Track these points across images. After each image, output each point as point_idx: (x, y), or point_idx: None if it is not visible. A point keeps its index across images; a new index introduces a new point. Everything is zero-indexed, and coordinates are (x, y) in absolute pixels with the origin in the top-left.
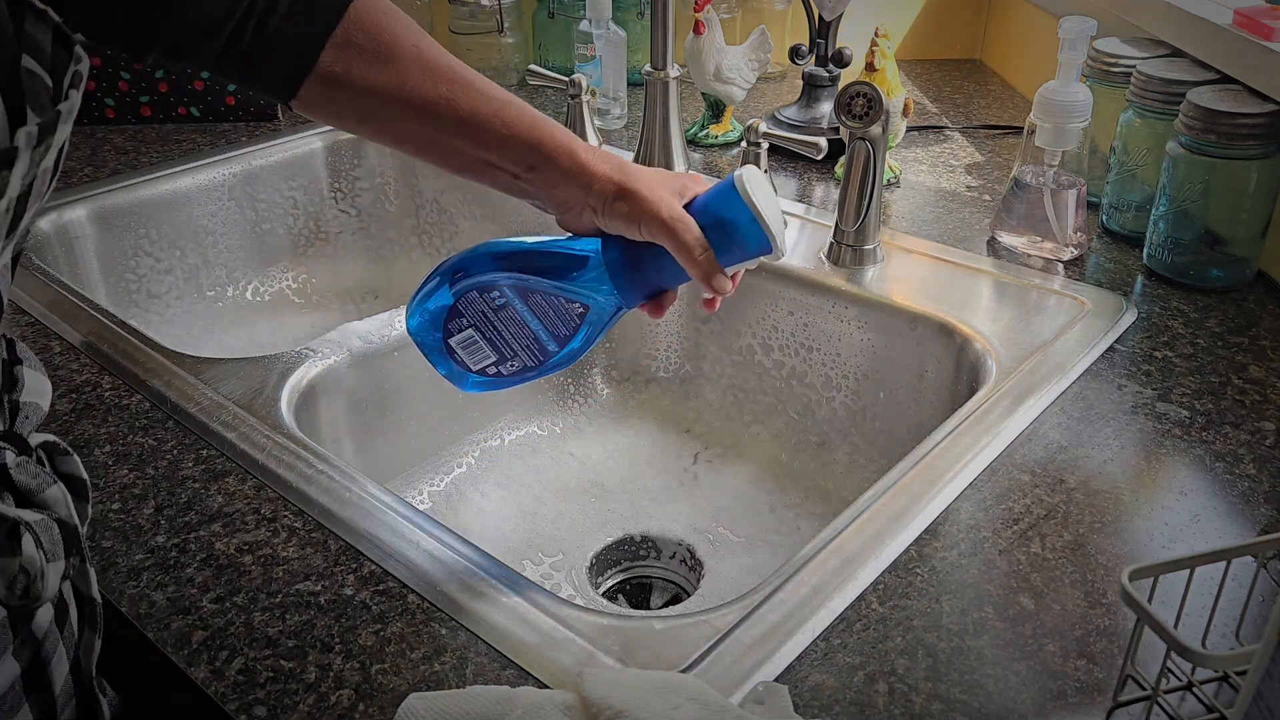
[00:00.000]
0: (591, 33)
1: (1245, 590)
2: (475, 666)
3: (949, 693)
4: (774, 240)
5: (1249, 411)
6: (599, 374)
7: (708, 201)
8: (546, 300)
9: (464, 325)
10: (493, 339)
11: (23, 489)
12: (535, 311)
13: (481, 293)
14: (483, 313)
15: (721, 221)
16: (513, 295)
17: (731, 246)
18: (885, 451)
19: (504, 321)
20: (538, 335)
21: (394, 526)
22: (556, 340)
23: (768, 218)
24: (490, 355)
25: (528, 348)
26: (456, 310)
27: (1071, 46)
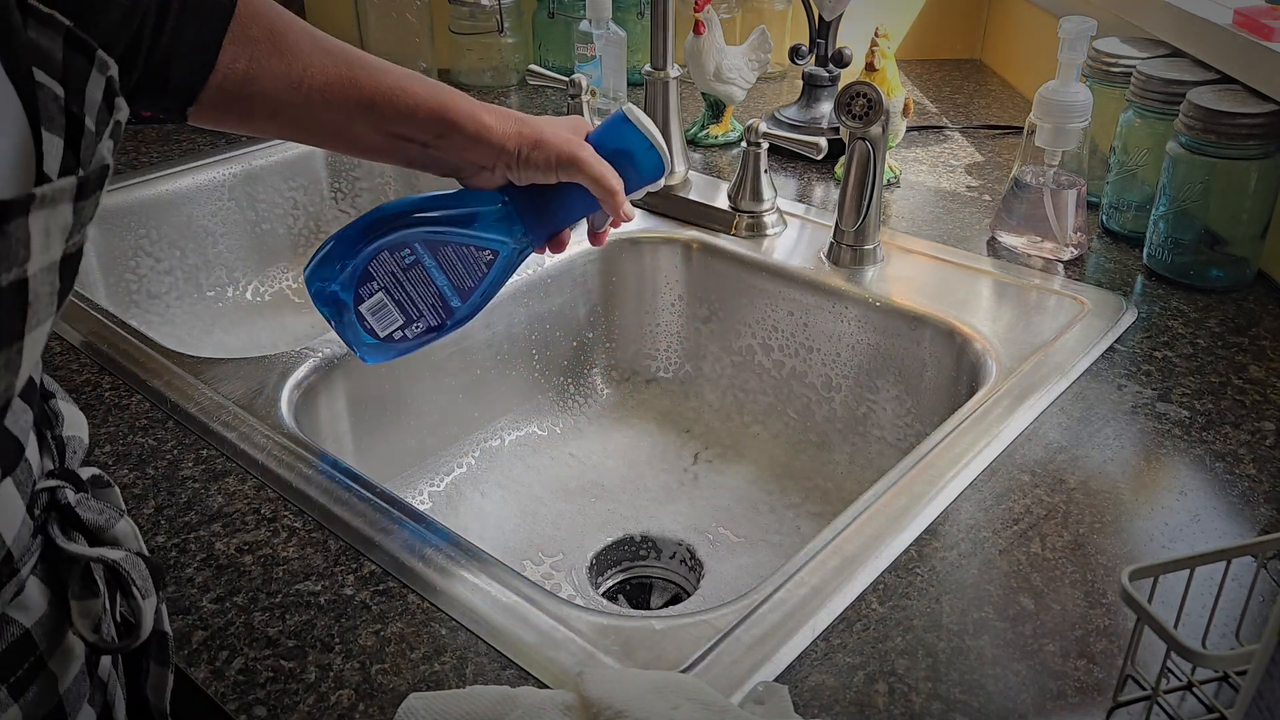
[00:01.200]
0: (591, 33)
1: (1245, 590)
2: (475, 666)
3: (949, 693)
4: (668, 162)
5: (1249, 411)
6: (599, 374)
7: (602, 136)
8: (456, 251)
9: (374, 289)
10: (401, 301)
11: (91, 527)
12: (443, 266)
13: (393, 252)
14: (393, 273)
15: (619, 152)
16: (423, 251)
17: (631, 174)
18: (885, 451)
19: (412, 281)
20: (442, 291)
21: (394, 527)
22: (460, 294)
23: (660, 144)
24: (398, 318)
25: (433, 306)
26: (368, 274)
27: (1071, 46)
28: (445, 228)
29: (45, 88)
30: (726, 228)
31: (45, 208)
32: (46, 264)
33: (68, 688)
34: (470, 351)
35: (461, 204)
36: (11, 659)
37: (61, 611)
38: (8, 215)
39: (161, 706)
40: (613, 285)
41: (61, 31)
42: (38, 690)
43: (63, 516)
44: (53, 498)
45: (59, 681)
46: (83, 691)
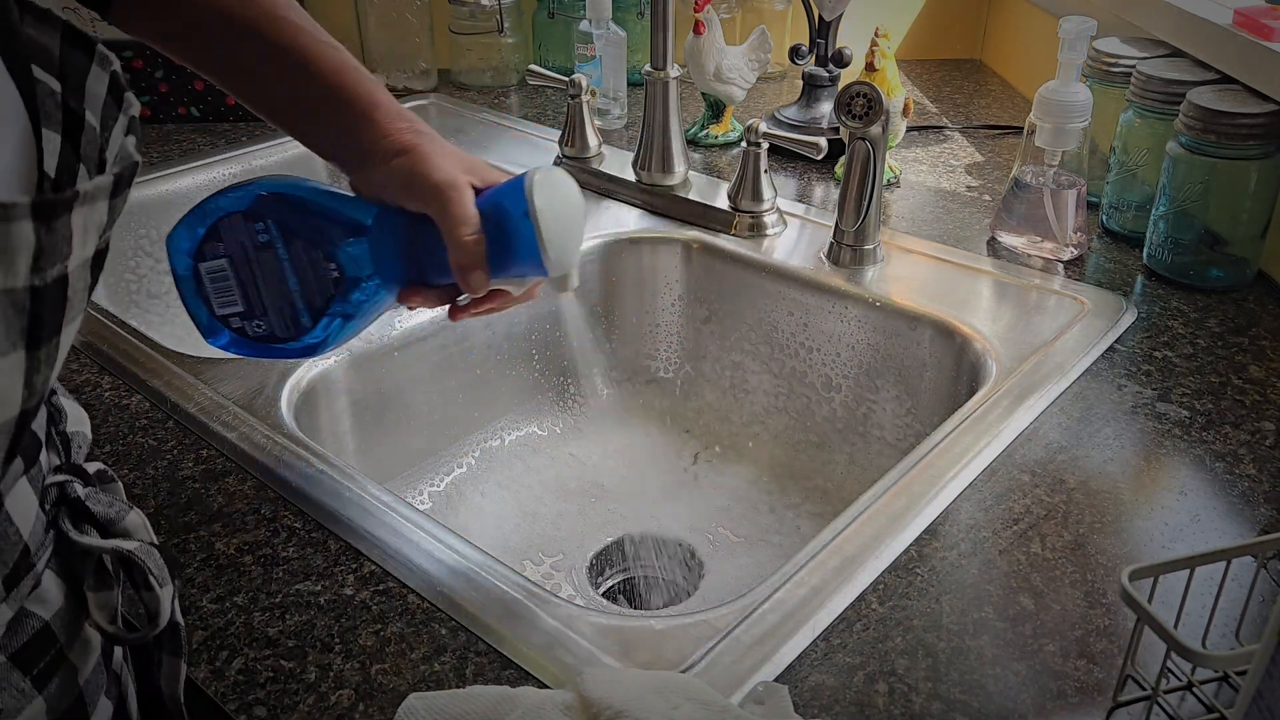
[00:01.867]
0: (591, 33)
1: (1245, 590)
2: (475, 666)
3: (949, 693)
4: (547, 259)
5: (1249, 411)
6: (599, 374)
7: (495, 190)
8: (309, 255)
9: (220, 252)
10: (245, 282)
11: (102, 520)
12: (295, 265)
13: (247, 219)
14: (242, 244)
15: (497, 214)
16: (277, 234)
17: (502, 251)
18: (885, 451)
19: (261, 265)
20: (293, 298)
21: (394, 526)
22: (311, 313)
23: (545, 225)
24: (238, 303)
25: (280, 311)
26: (216, 231)
27: (1071, 46)
28: (303, 219)
29: (42, 84)
30: (726, 228)
31: (86, 205)
32: (83, 260)
33: (87, 679)
34: (470, 352)
35: (333, 206)
36: (33, 651)
37: (78, 604)
38: (54, 213)
39: (176, 696)
40: (613, 285)
41: (59, 27)
42: (59, 682)
43: (73, 510)
44: (62, 492)
45: (79, 673)
46: (100, 683)
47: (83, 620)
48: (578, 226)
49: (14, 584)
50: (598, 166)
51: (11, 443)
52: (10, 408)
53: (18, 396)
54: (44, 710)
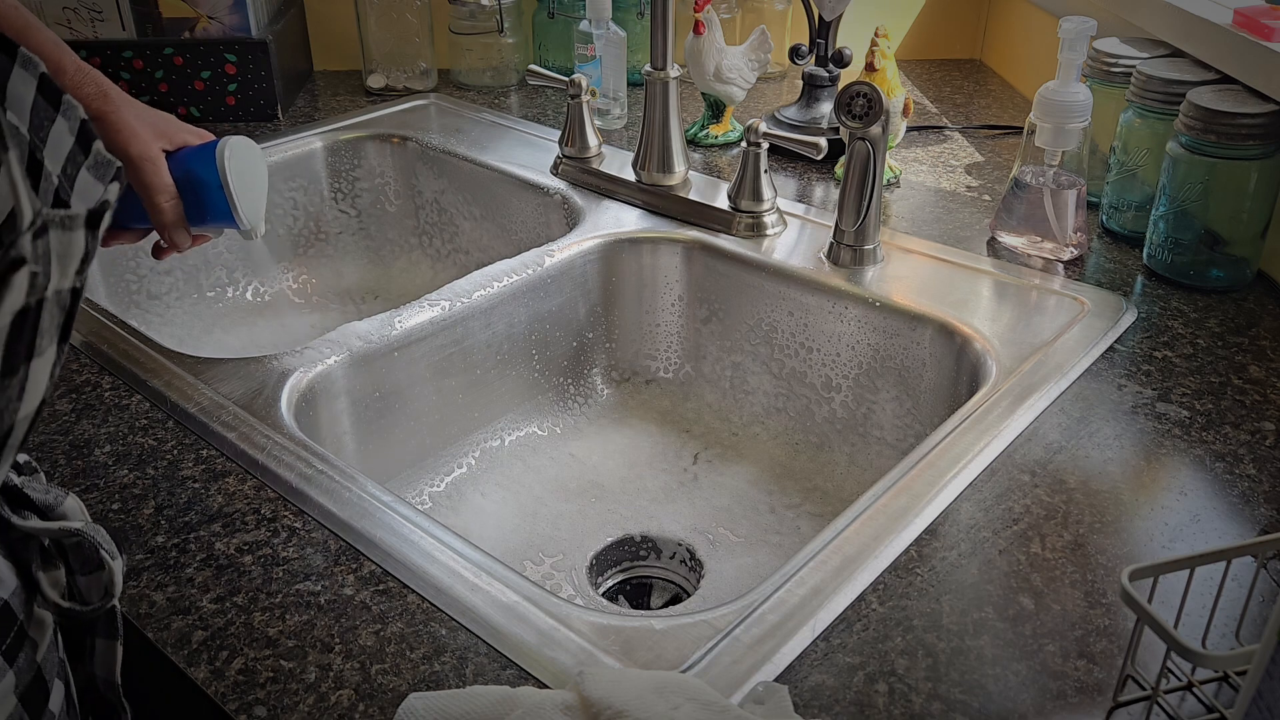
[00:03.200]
0: (591, 33)
1: (1245, 590)
2: (475, 666)
3: (949, 693)
4: (239, 216)
5: (1249, 411)
6: (599, 374)
7: (188, 156)
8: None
9: None
10: None
11: (41, 505)
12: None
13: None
14: None
15: (192, 181)
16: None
17: (197, 209)
18: (885, 452)
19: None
20: None
21: (394, 527)
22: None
23: (237, 191)
24: None
25: None
26: None
27: (1071, 46)
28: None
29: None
30: (726, 228)
31: (108, 211)
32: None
33: (44, 657)
34: (470, 352)
35: None
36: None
37: (29, 585)
38: (99, 221)
39: (113, 681)
40: (613, 285)
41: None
42: (24, 658)
43: (11, 498)
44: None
45: (38, 650)
46: (53, 663)
47: (34, 600)
48: (262, 188)
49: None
50: (598, 166)
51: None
52: (36, 399)
53: (45, 389)
54: (13, 685)
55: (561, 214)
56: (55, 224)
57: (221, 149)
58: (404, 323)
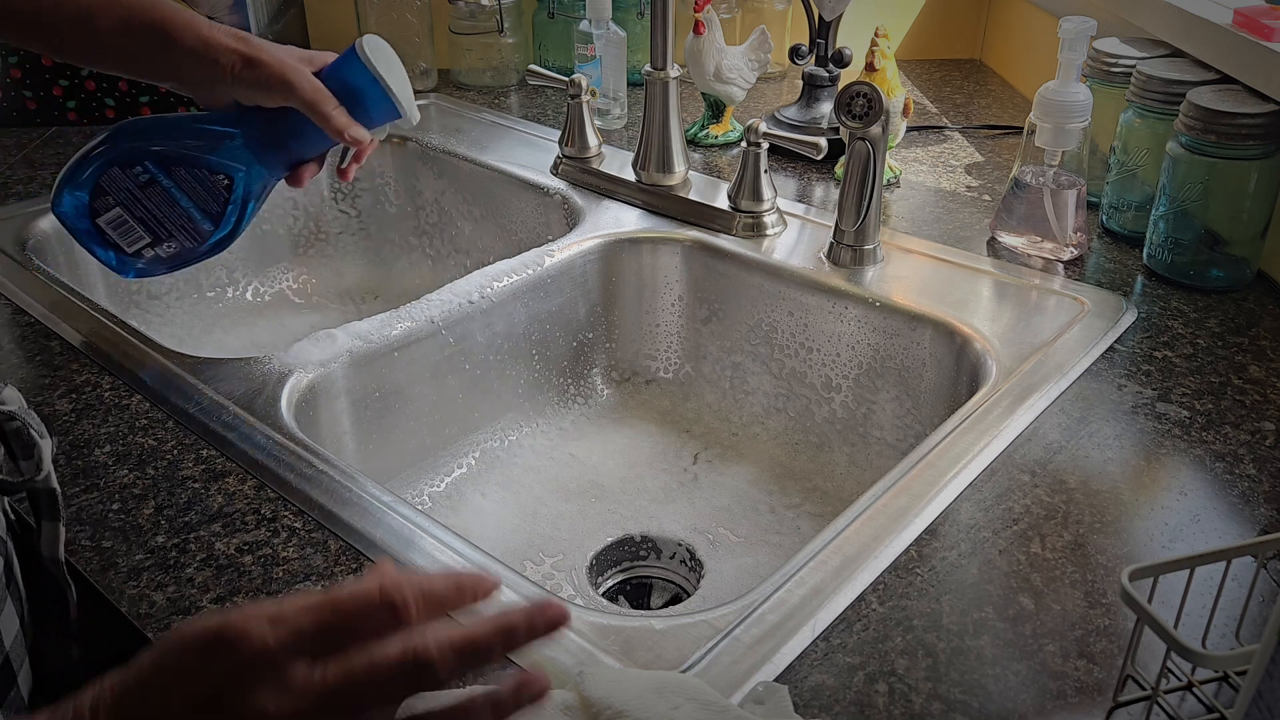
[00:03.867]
0: (591, 33)
1: (1245, 590)
2: None
3: (949, 693)
4: (399, 104)
5: (1249, 411)
6: (599, 374)
7: (335, 67)
8: (193, 174)
9: (110, 204)
10: (144, 218)
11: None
12: (184, 188)
13: (124, 168)
14: (129, 190)
15: (349, 86)
16: (157, 170)
17: (361, 109)
18: (885, 452)
19: (152, 199)
20: (190, 213)
21: (394, 527)
22: (210, 218)
23: (391, 83)
24: (144, 236)
25: (183, 227)
26: (100, 188)
27: (1071, 46)
28: (176, 148)
29: None
30: (726, 228)
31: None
32: None
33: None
34: (470, 352)
35: (197, 126)
36: None
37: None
38: None
39: (56, 558)
40: (613, 285)
41: None
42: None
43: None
44: None
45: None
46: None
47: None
48: (404, 76)
49: None
50: (598, 166)
51: None
52: None
53: None
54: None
55: (561, 214)
56: None
57: (361, 49)
58: (404, 323)
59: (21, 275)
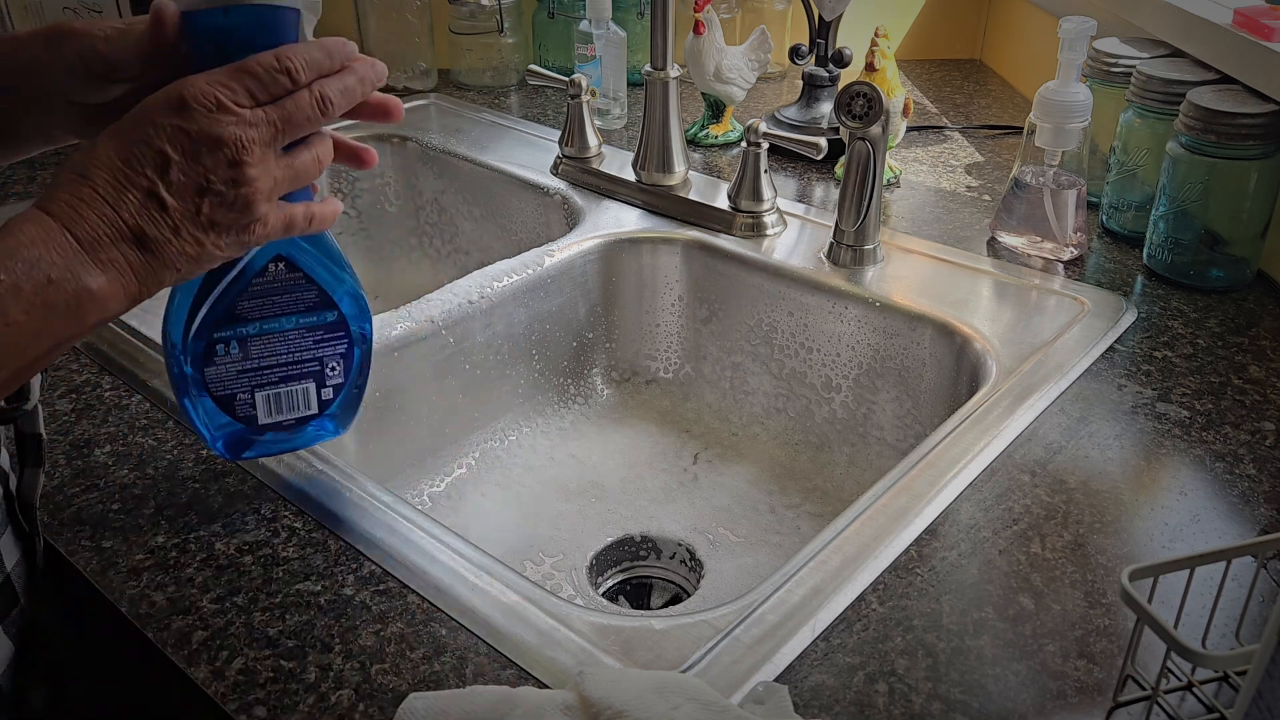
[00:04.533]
0: (591, 33)
1: (1245, 590)
2: (475, 666)
3: (949, 693)
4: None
5: (1249, 411)
6: (599, 374)
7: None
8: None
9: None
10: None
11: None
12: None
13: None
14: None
15: (223, 43)
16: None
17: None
18: (885, 452)
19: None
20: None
21: (394, 527)
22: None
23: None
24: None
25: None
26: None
27: (1071, 46)
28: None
29: None
30: (726, 228)
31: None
32: None
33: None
34: (470, 352)
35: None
36: None
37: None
38: None
39: (32, 503)
40: (613, 285)
41: None
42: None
43: None
44: None
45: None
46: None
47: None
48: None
49: None
50: (597, 166)
51: None
52: None
53: None
54: None
55: (561, 214)
56: None
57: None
58: (404, 323)
59: None
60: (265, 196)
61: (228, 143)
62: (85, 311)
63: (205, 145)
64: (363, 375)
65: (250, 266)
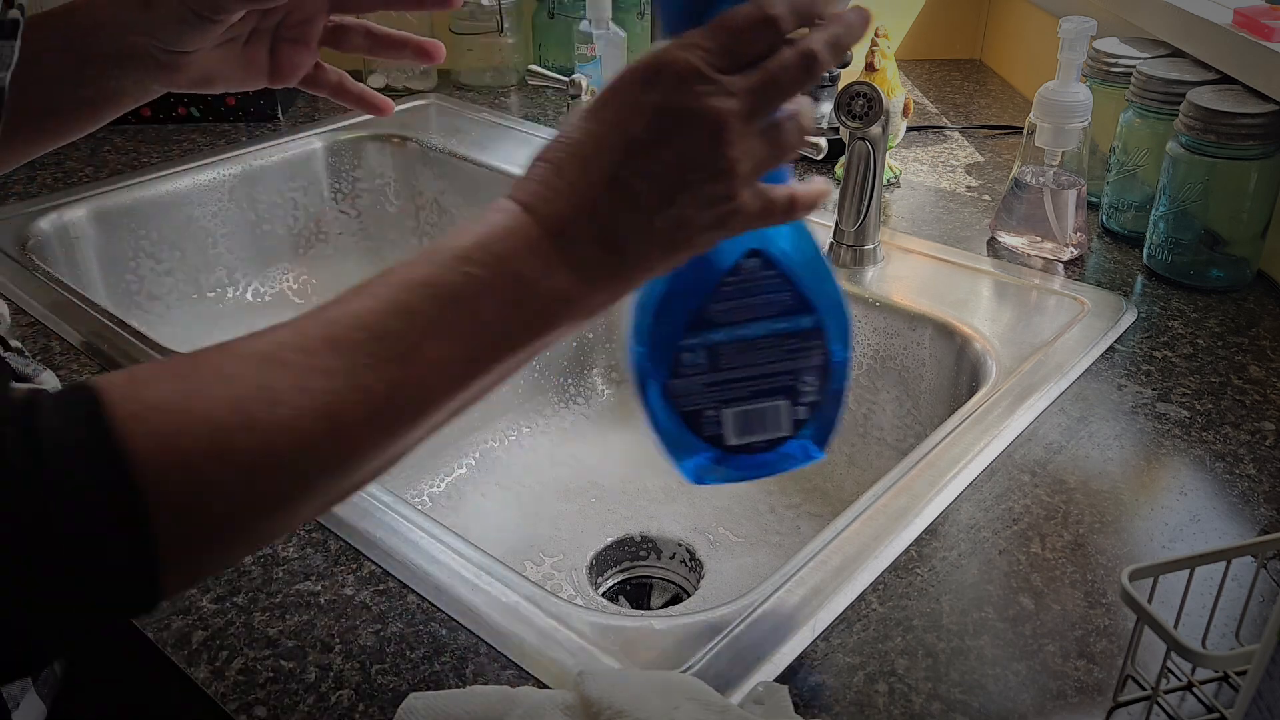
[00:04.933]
0: (591, 33)
1: (1245, 590)
2: (475, 666)
3: (949, 693)
4: None
5: (1249, 411)
6: (599, 374)
7: None
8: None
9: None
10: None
11: (20, 374)
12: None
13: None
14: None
15: None
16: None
17: None
18: (885, 452)
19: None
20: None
21: (394, 527)
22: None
23: None
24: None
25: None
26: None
27: (1071, 46)
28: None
29: None
30: None
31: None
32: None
33: None
34: None
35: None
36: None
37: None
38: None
39: None
40: None
41: None
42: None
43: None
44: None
45: None
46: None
47: None
48: None
49: None
50: None
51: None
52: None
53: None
54: None
55: None
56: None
57: None
58: None
59: (21, 275)
60: (745, 180)
61: (708, 119)
62: (553, 316)
63: (684, 125)
64: (843, 392)
65: (720, 262)
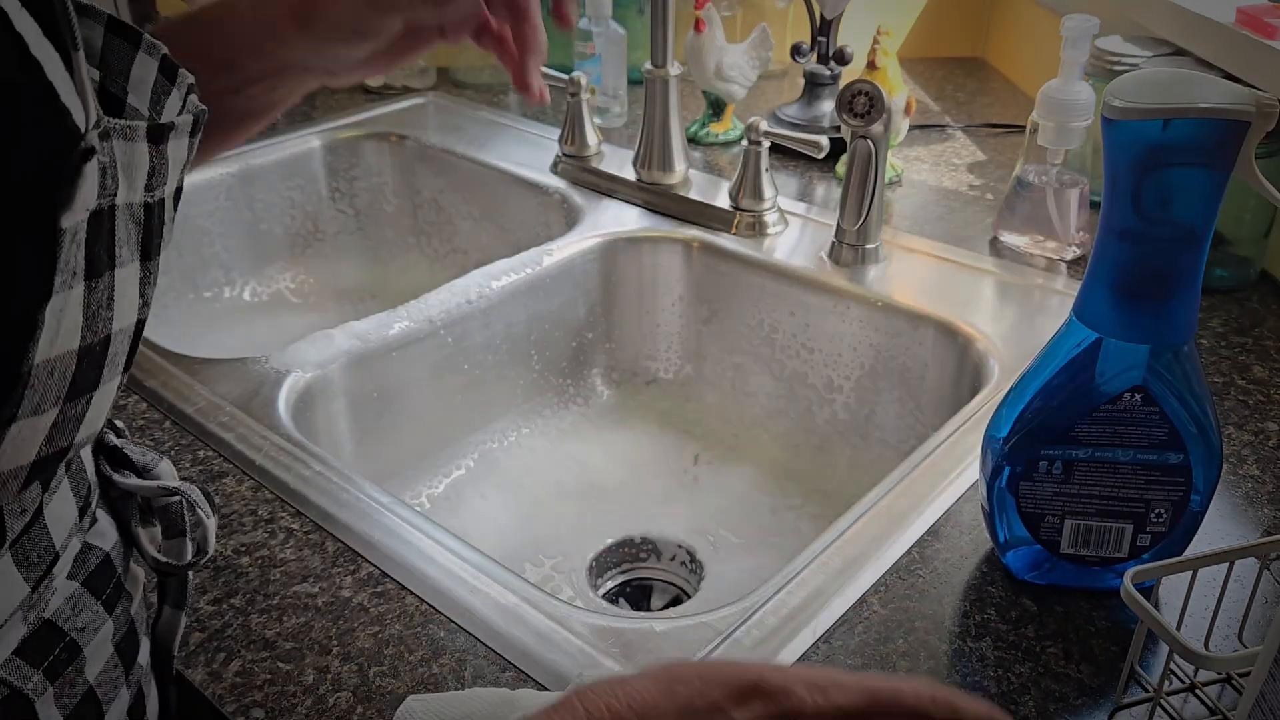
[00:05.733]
0: (591, 30)
1: (1248, 592)
2: (474, 669)
3: None
4: None
5: (1252, 412)
6: (599, 375)
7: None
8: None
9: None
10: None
11: (139, 465)
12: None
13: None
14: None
15: None
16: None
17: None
18: (886, 453)
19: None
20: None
21: (392, 528)
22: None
23: None
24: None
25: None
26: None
27: (1074, 45)
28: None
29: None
30: (727, 227)
31: (177, 137)
32: (174, 189)
33: (135, 610)
34: (469, 352)
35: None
36: (100, 579)
37: (127, 540)
38: (162, 137)
39: (170, 649)
40: (612, 285)
41: (102, 20)
42: (120, 609)
43: (110, 457)
44: (99, 439)
45: (132, 602)
46: (143, 618)
47: (130, 555)
48: None
49: (80, 517)
50: (597, 165)
51: (127, 358)
52: (128, 315)
53: (135, 305)
54: (111, 634)
55: (561, 213)
56: (117, 133)
57: None
58: (402, 323)
59: None
60: None
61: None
62: None
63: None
64: (1191, 531)
65: (1103, 391)
